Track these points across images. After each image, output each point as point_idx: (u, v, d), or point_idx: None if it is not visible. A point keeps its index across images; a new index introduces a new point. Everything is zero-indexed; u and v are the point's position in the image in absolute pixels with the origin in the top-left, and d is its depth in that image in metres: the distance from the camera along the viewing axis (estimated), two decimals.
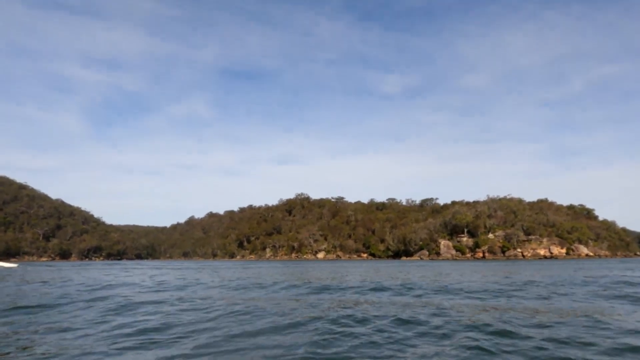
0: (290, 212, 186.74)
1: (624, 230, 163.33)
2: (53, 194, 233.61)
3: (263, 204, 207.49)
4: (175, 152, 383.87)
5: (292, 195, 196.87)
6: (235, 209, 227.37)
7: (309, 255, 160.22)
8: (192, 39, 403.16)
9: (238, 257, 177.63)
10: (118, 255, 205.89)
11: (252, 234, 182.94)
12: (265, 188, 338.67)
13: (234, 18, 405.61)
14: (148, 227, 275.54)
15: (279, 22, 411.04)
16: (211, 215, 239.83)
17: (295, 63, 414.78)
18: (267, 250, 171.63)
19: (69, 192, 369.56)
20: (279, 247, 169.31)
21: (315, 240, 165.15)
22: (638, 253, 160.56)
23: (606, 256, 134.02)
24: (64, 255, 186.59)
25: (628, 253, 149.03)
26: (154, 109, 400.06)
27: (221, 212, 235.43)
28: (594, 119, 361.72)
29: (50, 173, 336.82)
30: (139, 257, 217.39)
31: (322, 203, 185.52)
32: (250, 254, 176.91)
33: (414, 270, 40.55)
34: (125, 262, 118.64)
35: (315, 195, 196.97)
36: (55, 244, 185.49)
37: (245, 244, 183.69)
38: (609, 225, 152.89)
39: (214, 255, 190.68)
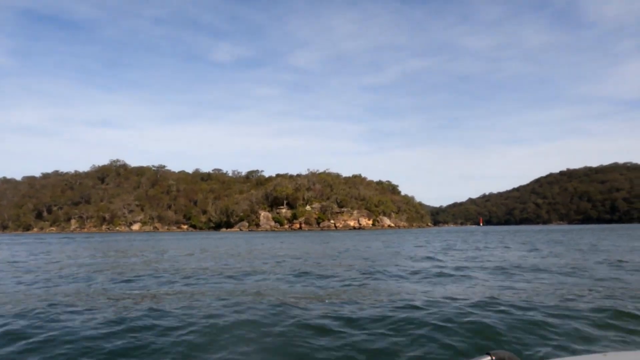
0: (103, 180, 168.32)
1: (420, 204, 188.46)
2: None
3: (72, 170, 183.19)
4: None
5: (106, 162, 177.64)
6: (37, 174, 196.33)
7: (123, 227, 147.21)
8: None
9: (35, 229, 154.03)
10: None
11: (55, 204, 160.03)
12: (78, 152, 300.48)
13: None
14: None
15: None
16: (5, 180, 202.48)
17: (117, 16, 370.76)
18: (73, 221, 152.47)
19: None
20: (87, 218, 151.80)
21: (131, 211, 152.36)
22: (430, 224, 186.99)
23: (404, 227, 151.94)
24: None
25: (422, 224, 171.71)
26: None
27: (18, 177, 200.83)
28: (403, 106, 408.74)
29: None
30: None
31: (140, 171, 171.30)
32: (50, 225, 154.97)
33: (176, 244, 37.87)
34: None
35: (134, 162, 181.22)
36: None
37: (45, 214, 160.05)
38: (408, 200, 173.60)
39: (4, 228, 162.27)
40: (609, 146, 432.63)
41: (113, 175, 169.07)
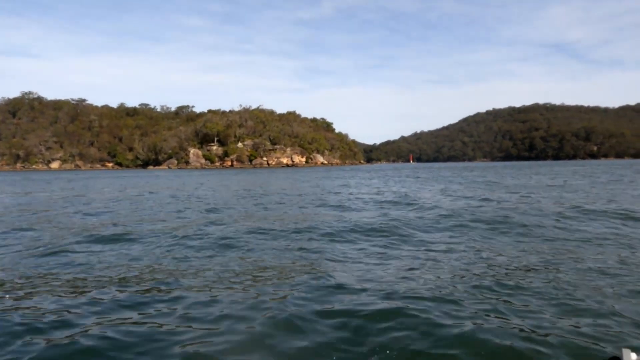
0: (14, 115, 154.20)
1: (354, 142, 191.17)
2: None
3: None
4: None
5: (17, 94, 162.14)
6: None
7: (40, 166, 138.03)
8: None
9: None
10: None
11: None
12: None
13: None
14: None
15: None
16: None
17: None
18: None
19: None
20: None
21: (48, 148, 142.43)
22: (362, 161, 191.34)
23: (337, 164, 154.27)
24: None
25: (355, 162, 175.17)
26: None
27: None
28: (339, 43, 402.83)
29: None
30: None
31: (58, 105, 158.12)
32: None
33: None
34: None
35: (50, 96, 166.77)
36: None
37: None
38: (342, 138, 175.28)
39: None
40: (531, 87, 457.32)
41: (26, 109, 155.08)
